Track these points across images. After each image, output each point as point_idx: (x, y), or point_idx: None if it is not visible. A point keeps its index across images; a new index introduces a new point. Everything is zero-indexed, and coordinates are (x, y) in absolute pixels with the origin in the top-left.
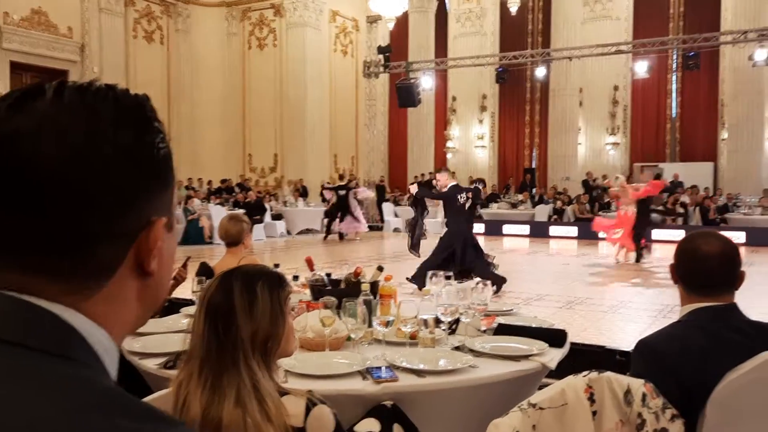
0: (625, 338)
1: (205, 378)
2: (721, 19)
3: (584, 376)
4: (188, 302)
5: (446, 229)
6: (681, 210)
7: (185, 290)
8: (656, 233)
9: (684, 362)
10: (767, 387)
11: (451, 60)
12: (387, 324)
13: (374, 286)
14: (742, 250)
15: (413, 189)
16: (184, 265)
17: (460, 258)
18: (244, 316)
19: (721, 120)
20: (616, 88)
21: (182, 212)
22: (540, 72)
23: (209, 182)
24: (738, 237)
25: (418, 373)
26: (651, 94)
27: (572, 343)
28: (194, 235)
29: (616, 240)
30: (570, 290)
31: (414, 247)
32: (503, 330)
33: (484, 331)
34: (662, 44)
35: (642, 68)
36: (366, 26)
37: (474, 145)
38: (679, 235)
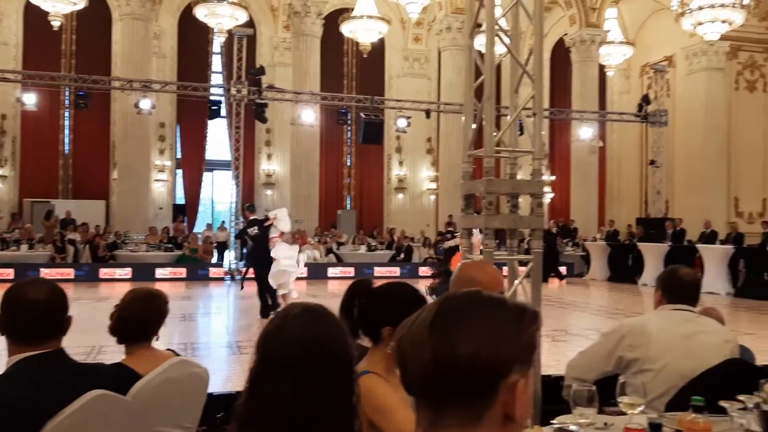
0: None
1: None
2: (112, 65)
3: None
4: None
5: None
6: (71, 247)
7: None
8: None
9: (5, 417)
10: (89, 427)
11: None
12: None
13: None
14: (68, 289)
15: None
16: None
17: None
18: None
19: (113, 160)
20: (4, 116)
21: None
22: None
23: None
24: (125, 272)
25: None
26: (43, 127)
27: None
28: None
29: None
30: None
31: None
32: None
33: None
34: (53, 79)
35: (31, 100)
36: None
37: None
38: (124, 273)
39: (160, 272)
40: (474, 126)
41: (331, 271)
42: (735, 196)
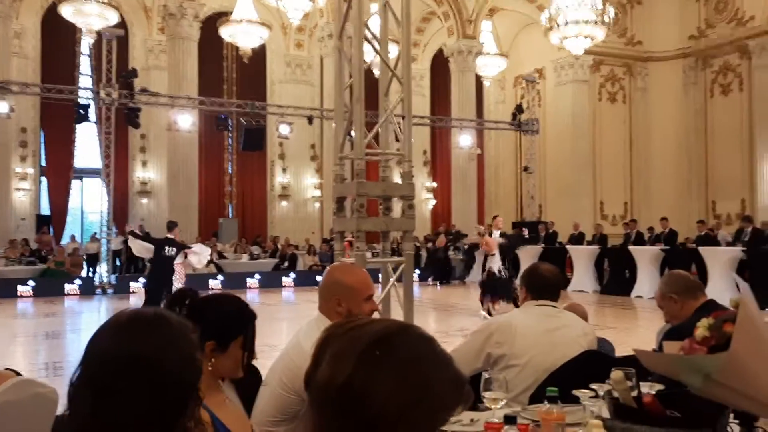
0: None
1: None
2: None
3: None
4: None
5: None
6: None
7: None
8: None
9: None
10: None
11: None
12: None
13: None
14: None
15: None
16: None
17: None
18: None
19: None
20: None
21: None
22: None
23: None
24: None
25: None
26: None
27: None
28: None
29: None
30: None
31: None
32: None
33: None
34: None
35: None
36: None
37: None
38: None
39: (21, 288)
40: (354, 132)
41: (212, 283)
42: (600, 200)
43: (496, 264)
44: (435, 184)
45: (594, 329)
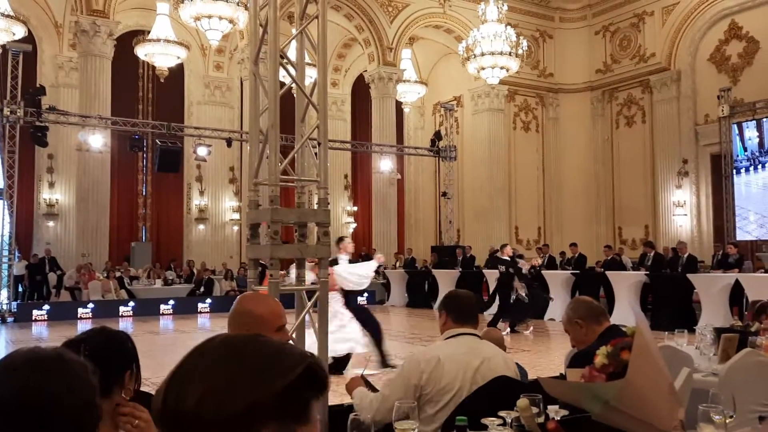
0: None
1: None
2: None
3: None
4: None
5: None
6: None
7: None
8: None
9: None
10: None
11: None
12: None
13: None
14: None
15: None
16: None
17: None
18: None
19: None
20: None
21: None
22: None
23: None
24: None
25: None
26: None
27: None
28: None
29: None
30: None
31: None
32: None
33: None
34: None
35: None
36: None
37: None
38: None
39: None
40: (268, 158)
41: (122, 309)
42: (516, 224)
43: (521, 289)
44: (356, 208)
45: (508, 356)
